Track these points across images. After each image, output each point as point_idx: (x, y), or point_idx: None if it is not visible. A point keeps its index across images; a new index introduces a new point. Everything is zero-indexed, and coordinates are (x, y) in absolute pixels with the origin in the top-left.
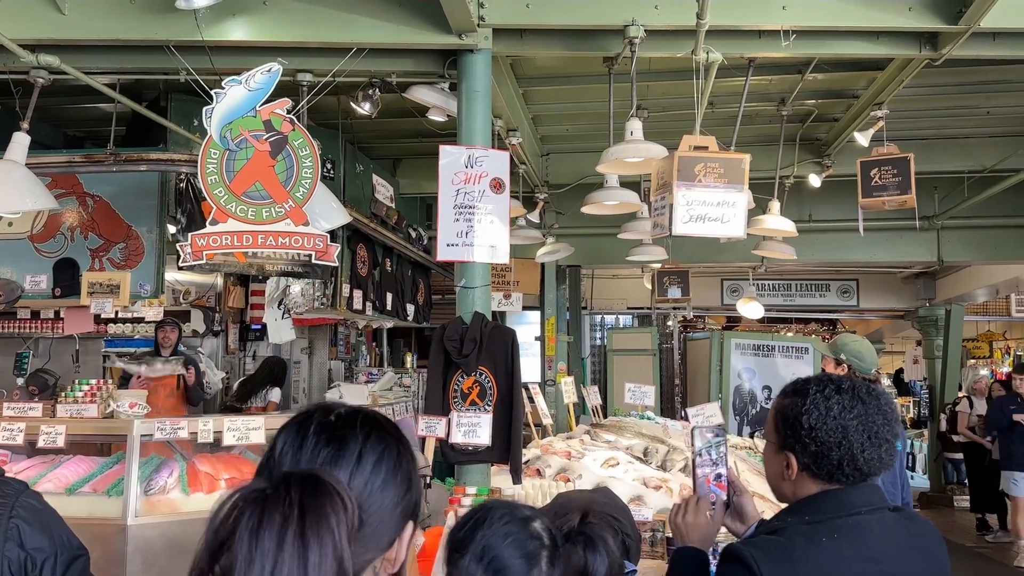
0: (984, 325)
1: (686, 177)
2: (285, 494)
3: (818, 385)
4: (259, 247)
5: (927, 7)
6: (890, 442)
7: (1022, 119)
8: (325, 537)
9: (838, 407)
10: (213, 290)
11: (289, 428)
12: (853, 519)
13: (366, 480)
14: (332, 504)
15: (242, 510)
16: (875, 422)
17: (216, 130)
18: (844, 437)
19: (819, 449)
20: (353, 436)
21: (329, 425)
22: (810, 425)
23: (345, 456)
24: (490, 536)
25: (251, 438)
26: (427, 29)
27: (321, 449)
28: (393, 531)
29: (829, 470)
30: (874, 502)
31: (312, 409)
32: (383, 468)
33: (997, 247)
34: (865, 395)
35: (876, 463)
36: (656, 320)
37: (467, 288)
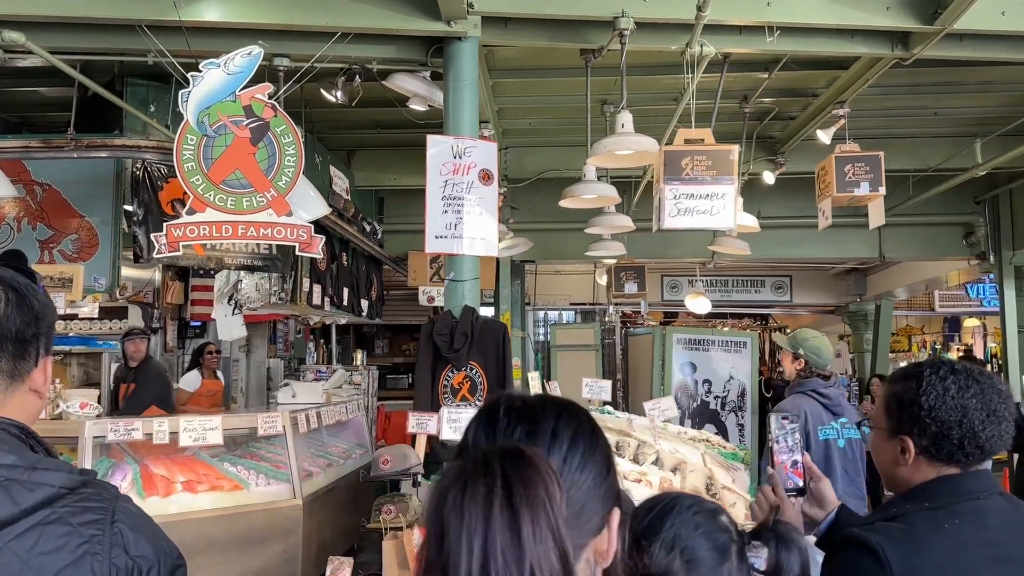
0: (903, 320)
1: (673, 171)
2: (485, 466)
3: (932, 368)
4: (239, 238)
5: (904, 7)
6: (1008, 420)
7: (967, 120)
8: (537, 507)
9: (955, 387)
10: (151, 285)
11: (478, 417)
12: (971, 504)
13: (564, 457)
14: (538, 474)
15: (446, 489)
16: (992, 400)
17: (193, 115)
18: (964, 416)
19: (939, 429)
20: (545, 415)
21: (519, 407)
22: (929, 406)
23: (540, 432)
24: (680, 525)
25: (208, 439)
26: (414, 15)
27: (515, 427)
28: (599, 515)
29: (950, 450)
30: (990, 487)
31: (496, 399)
32: (580, 445)
33: (935, 244)
34: (979, 375)
35: (996, 440)
36: (598, 315)
37: (456, 281)
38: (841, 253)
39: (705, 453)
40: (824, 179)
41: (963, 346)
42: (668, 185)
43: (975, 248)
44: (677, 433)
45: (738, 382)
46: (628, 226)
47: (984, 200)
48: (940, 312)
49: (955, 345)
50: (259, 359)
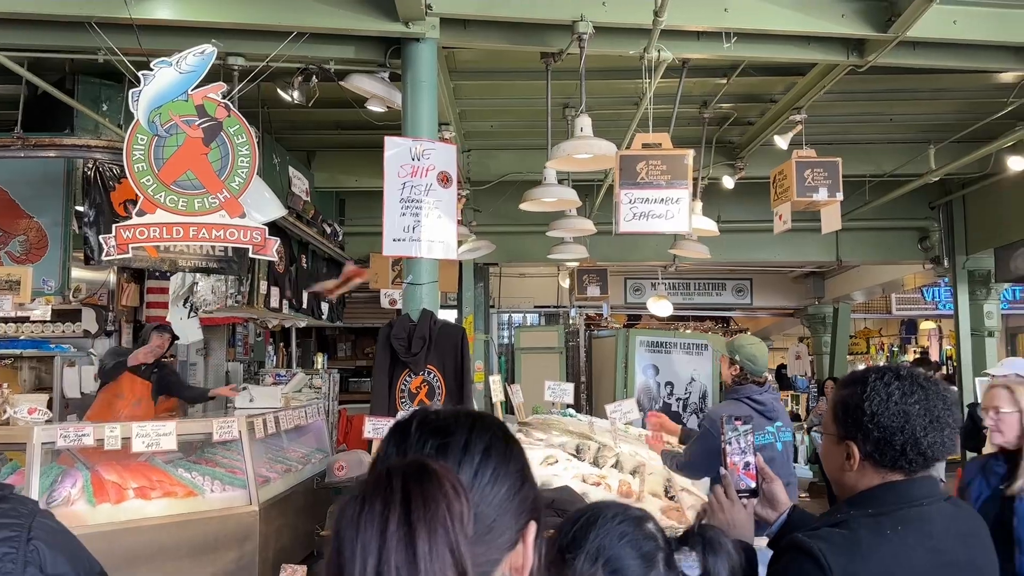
0: (862, 323)
1: (629, 176)
2: (387, 482)
3: (877, 373)
4: (191, 240)
5: (858, 14)
6: (952, 427)
7: (921, 127)
8: (435, 524)
9: (899, 393)
10: (105, 287)
11: (391, 432)
12: (915, 510)
13: (475, 471)
14: (441, 489)
15: (346, 503)
16: (936, 406)
17: (144, 115)
18: (906, 421)
19: (882, 435)
20: (457, 428)
21: (432, 420)
22: (872, 411)
23: (451, 445)
24: (604, 536)
25: (162, 444)
26: (372, 15)
27: (426, 441)
28: (513, 529)
29: (892, 456)
30: (934, 493)
31: (413, 412)
32: (492, 458)
33: (891, 248)
34: (923, 382)
35: (939, 447)
36: (562, 318)
37: (414, 284)
38: (799, 257)
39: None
40: (782, 183)
41: (919, 348)
42: (623, 189)
43: (930, 252)
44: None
45: (699, 384)
46: (589, 229)
47: (938, 205)
48: (897, 315)
49: (911, 347)
50: (218, 362)
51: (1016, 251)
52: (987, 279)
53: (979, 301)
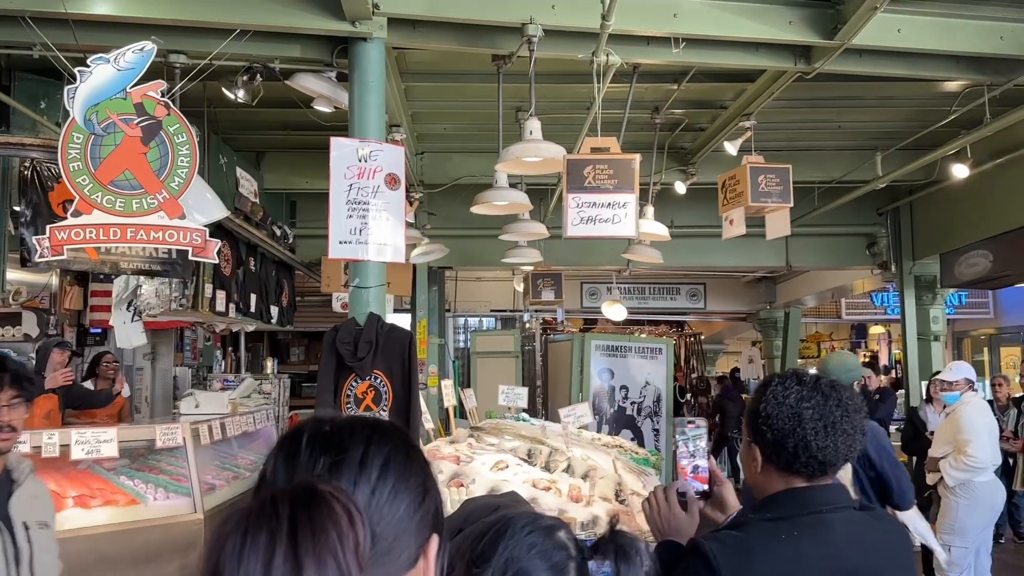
0: (813, 327)
1: (576, 180)
2: (272, 510)
3: (780, 378)
4: (128, 242)
5: (805, 21)
6: (850, 434)
7: (868, 134)
8: (324, 555)
9: (795, 397)
10: (47, 290)
11: (279, 444)
12: (815, 517)
13: (373, 487)
14: (331, 516)
15: (226, 535)
16: (832, 413)
17: (80, 112)
18: (798, 424)
19: (775, 437)
20: (353, 441)
21: (324, 433)
22: (767, 414)
23: (346, 462)
24: (513, 548)
25: (102, 451)
26: (317, 14)
27: (318, 458)
28: (414, 546)
29: (787, 459)
30: (836, 501)
31: (302, 423)
32: (391, 473)
33: (839, 254)
34: (826, 388)
35: (832, 452)
36: (519, 323)
37: (361, 288)
38: (750, 262)
39: (616, 459)
40: (734, 188)
41: (868, 352)
42: (571, 194)
43: (877, 258)
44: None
45: (654, 388)
46: (542, 233)
47: (886, 211)
48: (847, 319)
49: (861, 351)
50: (165, 367)
51: (961, 257)
52: (933, 284)
53: (925, 306)
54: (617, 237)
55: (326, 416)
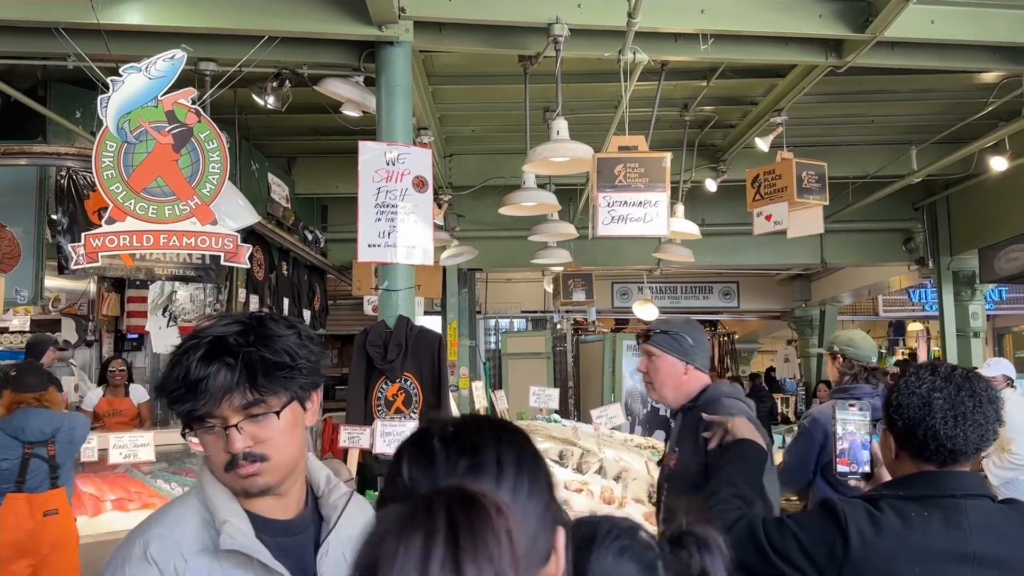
0: (850, 325)
1: (606, 179)
2: (427, 514)
3: (915, 368)
4: (162, 248)
5: (836, 15)
6: (981, 424)
7: (903, 128)
8: (482, 560)
9: (926, 386)
10: (85, 297)
11: (410, 450)
12: (947, 500)
13: (512, 487)
14: (488, 519)
15: (382, 539)
16: (964, 403)
17: (113, 121)
18: (928, 413)
19: (905, 425)
20: (484, 441)
21: (454, 436)
22: (898, 403)
23: (485, 464)
24: (605, 555)
25: (139, 455)
26: (345, 19)
27: (456, 461)
28: (548, 542)
29: (917, 447)
30: (970, 488)
31: (420, 427)
32: (526, 473)
33: (875, 250)
34: (959, 378)
35: (961, 441)
36: (549, 323)
37: (390, 290)
38: (783, 260)
39: (649, 460)
40: (773, 184)
41: (907, 350)
42: (601, 192)
43: (914, 254)
44: (623, 440)
45: None
46: (571, 233)
47: (922, 206)
48: (884, 317)
49: (900, 349)
50: None
51: (1000, 251)
52: (972, 280)
53: (964, 302)
54: (648, 236)
55: (442, 418)
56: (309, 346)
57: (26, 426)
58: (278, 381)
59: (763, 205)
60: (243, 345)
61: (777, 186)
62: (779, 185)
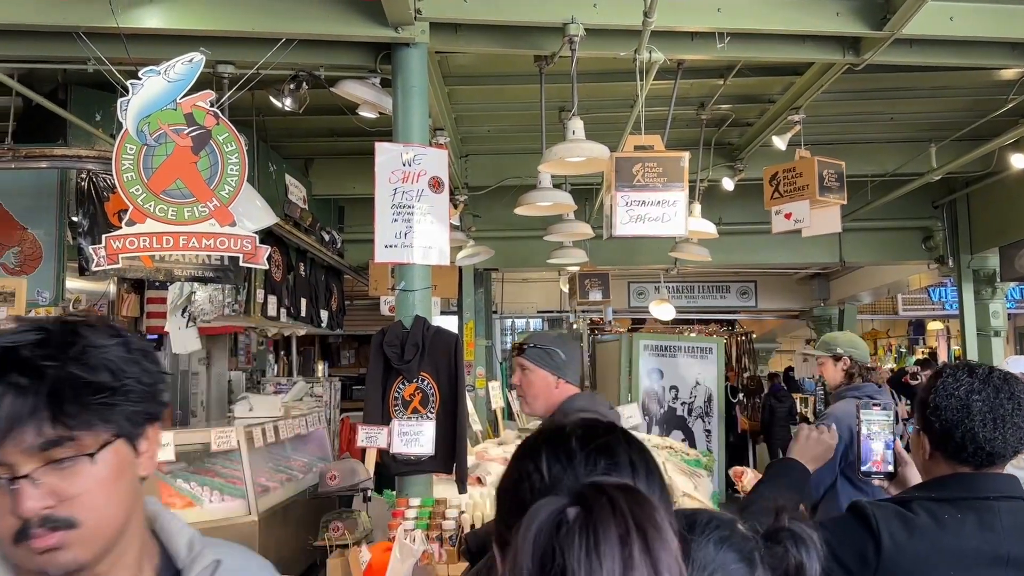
0: (869, 324)
1: (624, 178)
2: (611, 506)
3: (951, 369)
4: (181, 249)
5: (853, 12)
6: (1021, 427)
7: (922, 125)
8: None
9: (965, 388)
10: (105, 298)
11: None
12: (981, 503)
13: (647, 487)
14: (660, 514)
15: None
16: (1003, 406)
17: (132, 124)
18: (967, 416)
19: (942, 427)
20: (616, 443)
21: (587, 435)
22: (935, 404)
23: (621, 464)
24: (706, 544)
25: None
26: (361, 21)
27: (597, 460)
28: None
29: (954, 449)
30: (1005, 490)
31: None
32: (654, 472)
33: (894, 248)
34: (998, 380)
35: (1000, 444)
36: (565, 323)
37: (407, 291)
38: (801, 258)
39: (667, 460)
40: (794, 182)
41: (927, 349)
42: (620, 192)
43: (934, 252)
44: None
45: (705, 388)
46: (587, 233)
47: (942, 204)
48: (904, 316)
49: (920, 348)
50: (220, 372)
51: (1021, 249)
52: (992, 278)
53: (984, 300)
54: (666, 236)
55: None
56: (143, 362)
57: None
58: (94, 410)
59: (782, 203)
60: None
61: (797, 184)
62: (799, 183)
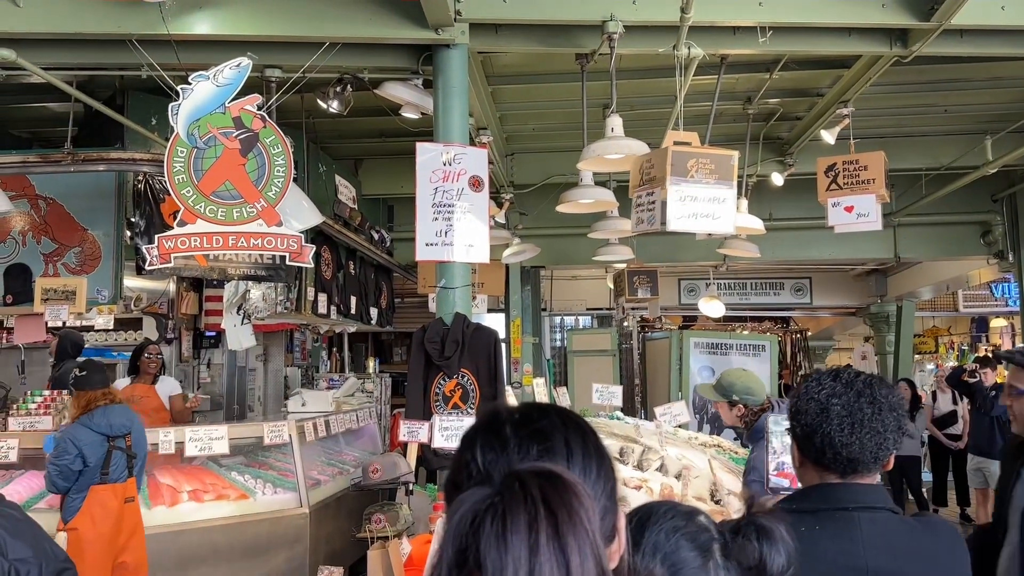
0: (930, 321)
1: (679, 172)
2: (523, 492)
3: (818, 375)
4: (230, 249)
5: (900, 4)
6: (880, 432)
7: (978, 117)
8: (582, 535)
9: (826, 392)
10: (165, 296)
11: (479, 434)
12: (840, 514)
13: (582, 470)
14: (579, 499)
15: (481, 518)
16: (862, 410)
17: (183, 127)
18: (825, 419)
19: (803, 431)
20: (552, 426)
21: (522, 420)
22: (797, 409)
23: (555, 448)
24: (658, 532)
25: (214, 448)
26: (402, 23)
27: (529, 446)
28: (613, 522)
29: (815, 454)
30: (867, 501)
31: (487, 413)
32: (593, 456)
33: (951, 243)
34: (861, 385)
35: (856, 449)
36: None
37: (447, 288)
38: (855, 254)
39: (713, 459)
40: (857, 175)
41: (991, 347)
42: (675, 186)
43: (993, 247)
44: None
45: None
46: (630, 230)
47: (1001, 198)
48: (965, 312)
49: (983, 346)
50: (276, 368)
51: None
52: None
53: None
54: (716, 234)
55: (507, 406)
56: None
57: (113, 422)
58: None
59: (841, 195)
60: None
61: (861, 177)
62: (864, 176)
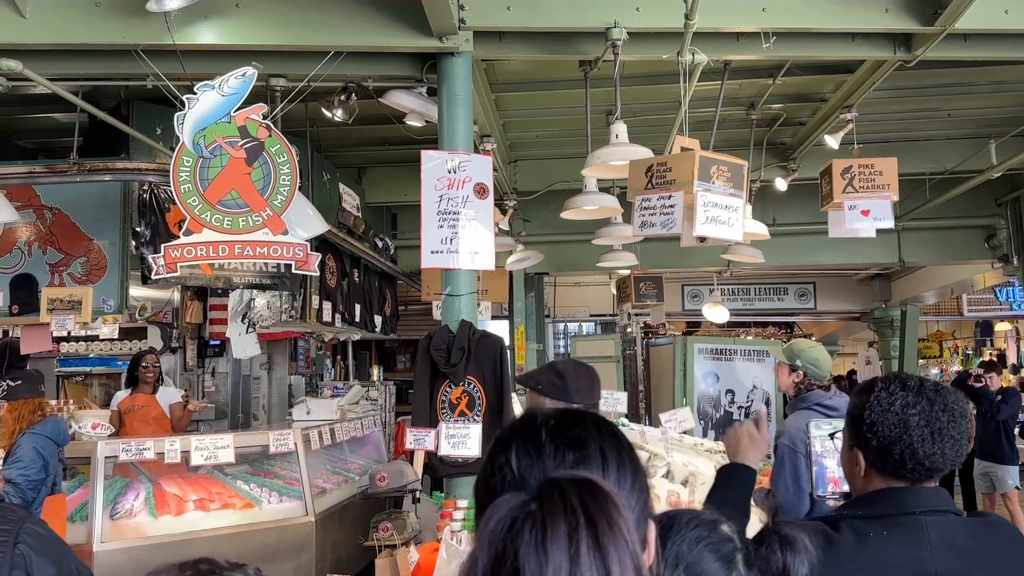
0: (934, 325)
1: (704, 177)
2: (563, 501)
3: (884, 383)
4: (236, 257)
5: (903, 8)
6: (957, 440)
7: (981, 121)
8: (622, 545)
9: (900, 403)
10: (170, 305)
11: (514, 438)
12: (908, 518)
13: (617, 479)
14: (617, 509)
15: (519, 526)
16: (939, 419)
17: (189, 137)
18: (905, 432)
19: (880, 444)
20: (588, 434)
21: (558, 427)
22: (871, 421)
23: (591, 456)
24: (680, 542)
25: (220, 457)
26: (406, 32)
27: (566, 452)
28: (644, 531)
29: (892, 466)
30: (933, 504)
31: (522, 419)
32: (627, 465)
33: (955, 247)
34: (931, 392)
35: (939, 459)
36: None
37: (453, 296)
38: (858, 259)
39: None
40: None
41: (995, 351)
42: (701, 191)
43: (997, 251)
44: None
45: (762, 391)
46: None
47: (1005, 202)
48: (969, 316)
49: (987, 350)
50: (280, 376)
51: None
52: None
53: None
54: (729, 241)
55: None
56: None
57: (61, 430)
58: None
59: (857, 198)
60: None
61: (877, 182)
62: (879, 181)
